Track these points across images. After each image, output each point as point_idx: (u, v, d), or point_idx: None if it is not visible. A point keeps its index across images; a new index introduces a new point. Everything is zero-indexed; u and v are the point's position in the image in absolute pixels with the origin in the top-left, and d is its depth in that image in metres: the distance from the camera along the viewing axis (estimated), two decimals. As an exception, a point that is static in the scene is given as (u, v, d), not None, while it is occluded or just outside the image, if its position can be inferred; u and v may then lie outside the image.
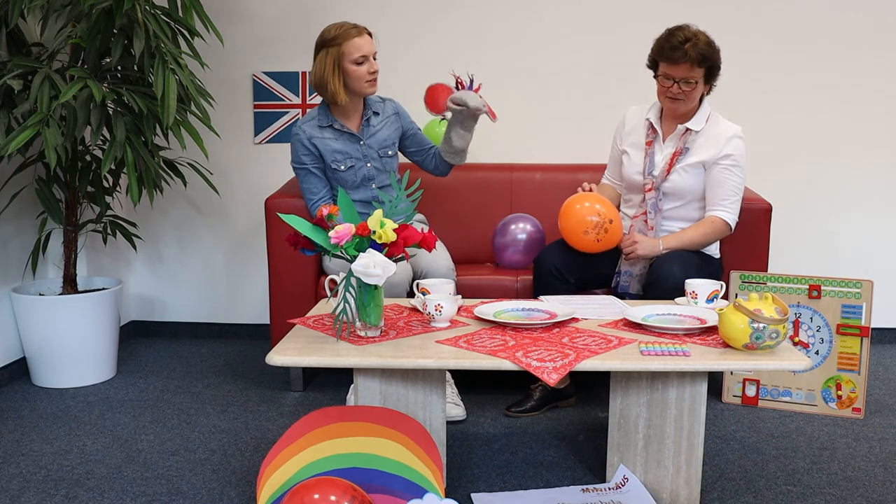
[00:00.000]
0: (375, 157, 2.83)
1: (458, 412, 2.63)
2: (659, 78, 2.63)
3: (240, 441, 2.50)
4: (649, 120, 2.74)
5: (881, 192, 3.51)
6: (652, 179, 2.69)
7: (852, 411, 2.68)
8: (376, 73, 2.73)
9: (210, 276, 3.73)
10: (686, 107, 2.63)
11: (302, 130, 2.78)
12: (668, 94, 2.61)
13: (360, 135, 2.81)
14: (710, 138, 2.65)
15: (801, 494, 2.12)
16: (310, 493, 1.58)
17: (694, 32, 2.57)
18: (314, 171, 2.79)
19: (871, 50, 3.41)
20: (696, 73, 2.56)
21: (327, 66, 2.69)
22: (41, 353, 2.98)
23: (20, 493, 2.13)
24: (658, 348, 1.88)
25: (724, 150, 2.63)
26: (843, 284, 2.68)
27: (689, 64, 2.54)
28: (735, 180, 2.64)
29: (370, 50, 2.70)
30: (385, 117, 2.87)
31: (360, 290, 1.93)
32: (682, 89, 2.58)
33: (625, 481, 2.08)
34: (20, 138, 2.51)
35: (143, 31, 2.66)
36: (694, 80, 2.57)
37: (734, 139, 2.64)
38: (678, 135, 2.68)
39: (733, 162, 2.63)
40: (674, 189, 2.68)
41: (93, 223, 3.14)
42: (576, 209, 2.60)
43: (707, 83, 2.63)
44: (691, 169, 2.66)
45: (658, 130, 2.72)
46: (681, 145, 2.67)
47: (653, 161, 2.71)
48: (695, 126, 2.66)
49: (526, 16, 3.50)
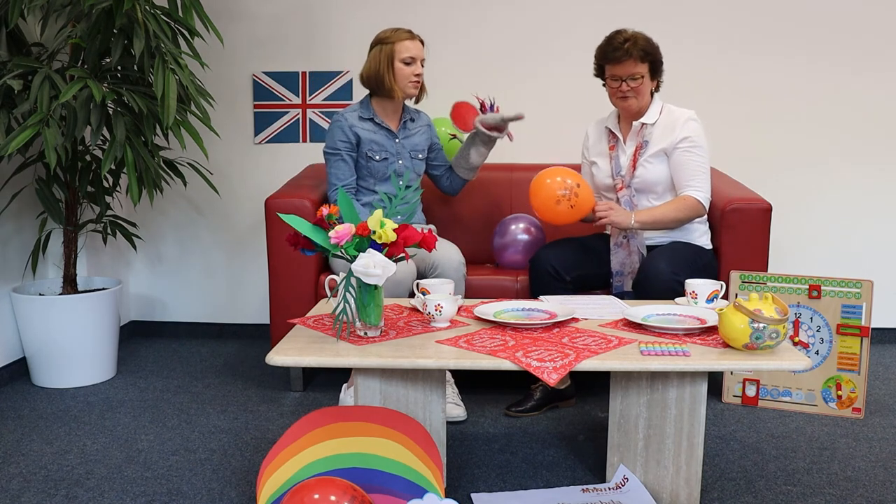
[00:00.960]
0: (407, 156, 2.92)
1: (459, 412, 2.63)
2: (607, 81, 2.75)
3: (240, 441, 2.50)
4: (608, 127, 2.84)
5: (881, 192, 3.52)
6: (621, 179, 2.78)
7: (852, 411, 2.68)
8: (420, 77, 2.84)
9: (210, 276, 3.73)
10: (638, 103, 2.72)
11: (344, 118, 2.86)
12: (618, 95, 2.72)
13: (398, 133, 2.91)
14: (666, 126, 2.74)
15: (801, 494, 2.12)
16: (310, 493, 1.58)
17: (632, 33, 2.69)
18: (346, 157, 2.85)
19: (871, 50, 3.42)
20: (640, 68, 2.67)
21: (382, 61, 2.81)
22: (41, 353, 2.98)
23: (20, 493, 2.13)
24: (658, 348, 1.88)
25: (681, 134, 2.71)
26: (843, 284, 2.68)
27: (633, 60, 2.65)
28: (697, 160, 2.71)
29: (419, 54, 2.82)
30: (420, 125, 2.99)
31: (360, 290, 1.93)
32: (630, 86, 2.68)
33: (625, 481, 2.08)
34: (20, 138, 2.51)
35: (143, 31, 2.66)
36: (640, 76, 2.67)
37: (688, 122, 2.73)
38: (635, 131, 2.78)
39: (691, 143, 2.71)
40: (643, 182, 2.75)
41: (93, 223, 3.14)
42: (545, 183, 2.63)
43: (653, 78, 2.74)
44: (654, 159, 2.74)
45: (618, 134, 2.82)
46: (640, 140, 2.76)
47: (618, 163, 2.80)
48: (649, 119, 2.75)
49: (527, 17, 3.50)
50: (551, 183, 2.61)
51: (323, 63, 3.56)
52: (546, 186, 2.62)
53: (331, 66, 3.55)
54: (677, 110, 2.77)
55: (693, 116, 2.74)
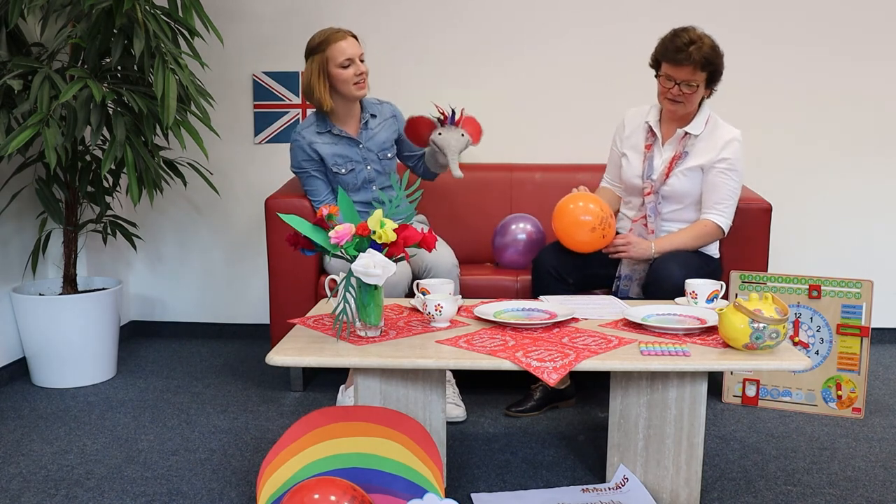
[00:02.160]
0: (375, 159, 2.84)
1: (459, 413, 2.63)
2: (660, 78, 2.62)
3: (240, 441, 2.50)
4: (648, 123, 2.73)
5: (881, 192, 3.51)
6: (651, 183, 2.69)
7: (852, 411, 2.68)
8: (364, 75, 2.72)
9: (210, 276, 3.73)
10: (685, 109, 2.62)
11: (301, 136, 2.78)
12: (668, 96, 2.60)
13: (359, 138, 2.82)
14: (709, 142, 2.65)
15: (801, 494, 2.12)
16: (310, 493, 1.58)
17: (699, 35, 2.55)
18: (315, 173, 2.81)
19: (871, 50, 3.41)
20: (698, 76, 2.55)
21: (313, 72, 2.70)
22: (41, 353, 2.98)
23: (20, 493, 2.13)
24: (658, 348, 1.88)
25: (722, 154, 2.62)
26: (843, 284, 2.68)
27: (692, 67, 2.52)
28: (731, 184, 2.64)
29: (355, 52, 2.70)
30: (383, 119, 2.88)
31: (360, 290, 1.93)
32: (682, 92, 2.57)
33: (625, 481, 2.08)
34: (20, 138, 2.51)
35: (143, 31, 2.66)
36: (695, 84, 2.56)
37: (732, 143, 2.63)
38: (677, 139, 2.68)
39: (729, 166, 2.63)
40: (672, 193, 2.68)
41: (93, 223, 3.14)
42: (570, 209, 2.57)
43: (708, 87, 2.62)
44: (690, 173, 2.66)
45: (657, 134, 2.71)
46: (680, 149, 2.67)
47: (652, 165, 2.70)
48: (694, 130, 2.65)
49: (527, 17, 3.50)
50: (578, 210, 2.54)
51: (323, 63, 3.55)
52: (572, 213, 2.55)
53: (331, 66, 3.55)
54: (723, 126, 2.66)
55: (738, 138, 2.64)
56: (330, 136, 2.79)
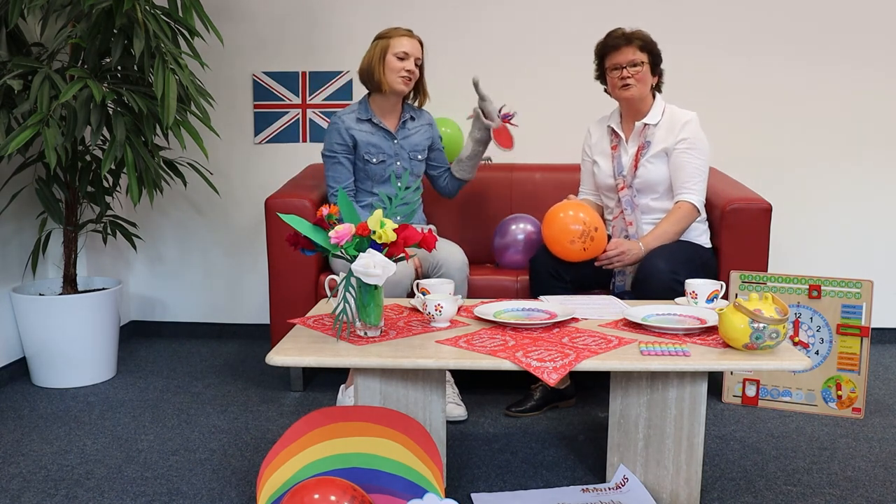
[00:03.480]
0: (406, 157, 2.91)
1: (460, 412, 2.63)
2: (608, 74, 2.76)
3: (240, 441, 2.50)
4: (611, 126, 2.84)
5: (881, 192, 3.52)
6: (622, 178, 2.78)
7: (852, 411, 2.68)
8: (412, 74, 2.82)
9: (210, 276, 3.73)
10: (640, 92, 2.71)
11: (341, 120, 2.86)
12: (619, 85, 2.72)
13: (396, 134, 2.90)
14: (667, 128, 2.75)
15: (801, 494, 2.12)
16: (310, 493, 1.58)
17: (630, 29, 2.72)
18: (343, 160, 2.86)
19: (871, 51, 3.42)
20: (639, 55, 2.69)
21: (375, 55, 2.81)
22: (41, 353, 2.98)
23: (20, 493, 2.13)
24: (658, 348, 1.88)
25: (681, 135, 2.72)
26: (843, 284, 2.68)
27: (632, 47, 2.69)
28: (694, 162, 2.72)
29: (414, 52, 2.81)
30: (420, 124, 2.97)
31: (360, 290, 1.93)
32: (630, 73, 2.68)
33: (625, 481, 2.08)
34: (20, 138, 2.51)
35: (143, 31, 2.66)
36: (640, 62, 2.68)
37: (689, 123, 2.73)
38: (638, 132, 2.78)
39: (689, 145, 2.71)
40: (644, 182, 2.75)
41: (93, 223, 3.14)
42: (559, 217, 2.62)
43: (654, 73, 2.74)
44: (655, 160, 2.74)
45: (620, 134, 2.82)
46: (642, 140, 2.76)
47: (620, 162, 2.80)
48: (651, 120, 2.76)
49: (527, 16, 3.51)
50: (566, 219, 2.60)
51: (323, 63, 3.56)
52: (560, 222, 2.60)
53: (331, 66, 3.55)
54: (679, 111, 2.77)
55: (693, 118, 2.74)
56: (370, 124, 2.87)
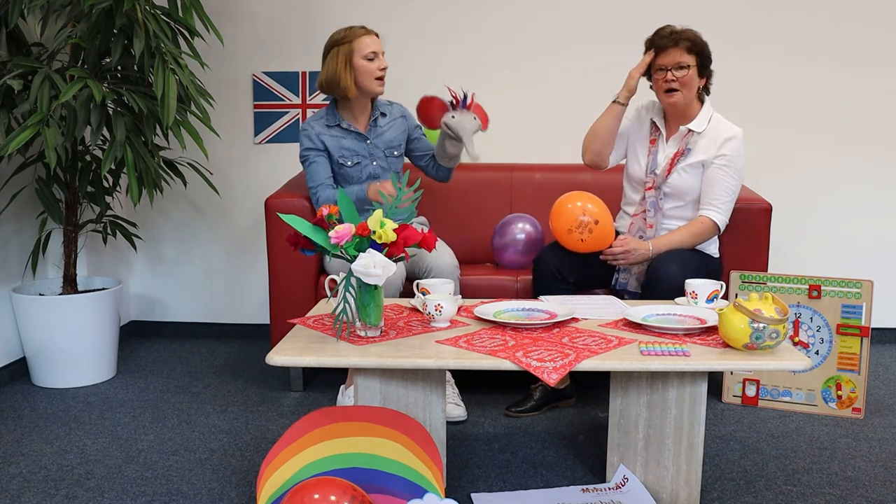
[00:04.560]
0: (381, 156, 2.86)
1: (460, 412, 2.63)
2: (654, 74, 2.68)
3: (240, 441, 2.50)
4: (653, 120, 2.76)
5: (881, 192, 3.52)
6: (653, 178, 2.71)
7: (852, 411, 2.68)
8: (385, 71, 2.78)
9: (210, 276, 3.73)
10: (684, 98, 2.64)
11: (310, 126, 2.83)
12: (665, 88, 2.64)
13: (368, 134, 2.85)
14: (710, 139, 2.67)
15: (801, 494, 2.12)
16: (310, 493, 1.58)
17: (680, 27, 2.65)
18: (317, 159, 2.83)
19: (871, 50, 3.41)
20: (687, 58, 2.61)
21: (339, 62, 2.74)
22: (41, 353, 2.98)
23: (20, 493, 2.13)
24: (658, 348, 1.88)
25: (721, 151, 2.64)
26: (843, 284, 2.68)
27: (679, 49, 2.61)
28: (728, 181, 2.65)
29: (379, 48, 2.77)
30: (392, 119, 2.91)
31: (360, 290, 1.93)
32: (675, 76, 2.61)
33: (625, 481, 2.08)
34: (20, 138, 2.51)
35: (143, 31, 2.66)
36: (686, 65, 2.61)
37: (731, 140, 2.65)
38: (680, 136, 2.70)
39: (727, 162, 2.64)
40: (674, 189, 2.69)
41: (93, 223, 3.14)
42: (567, 207, 2.60)
43: (701, 75, 2.66)
44: (691, 169, 2.67)
45: (661, 130, 2.75)
46: (683, 146, 2.68)
47: (655, 160, 2.73)
48: (696, 127, 2.67)
49: (528, 16, 3.50)
50: (573, 209, 2.58)
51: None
52: (565, 211, 2.59)
53: (331, 66, 3.55)
54: (725, 123, 2.68)
55: (738, 135, 2.65)
56: (339, 129, 2.83)
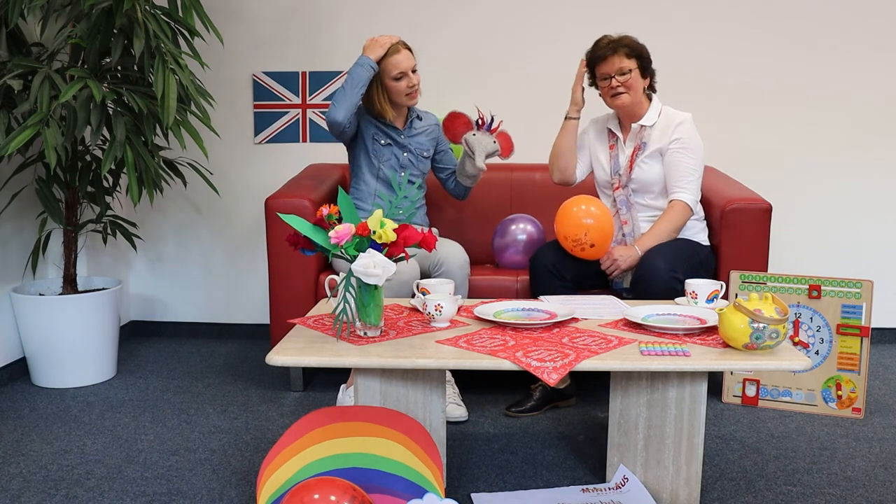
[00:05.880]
0: (412, 149, 2.94)
1: (461, 413, 2.63)
2: (599, 84, 2.77)
3: (240, 441, 2.50)
4: (609, 128, 2.87)
5: (881, 192, 3.52)
6: (618, 178, 2.80)
7: (852, 411, 2.68)
8: (415, 87, 2.84)
9: (210, 276, 3.73)
10: (630, 99, 2.73)
11: None
12: (610, 94, 2.73)
13: (404, 131, 2.93)
14: (662, 129, 2.77)
15: (801, 494, 2.12)
16: (310, 493, 1.58)
17: (616, 35, 2.75)
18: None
19: (871, 50, 3.41)
20: (627, 63, 2.69)
21: (372, 86, 2.81)
22: (41, 353, 2.98)
23: (20, 493, 2.13)
24: (658, 348, 1.88)
25: (674, 136, 2.74)
26: (843, 284, 2.68)
27: (619, 55, 2.69)
28: (687, 161, 2.73)
29: (408, 65, 2.80)
30: (427, 125, 3.01)
31: (360, 290, 1.93)
32: (619, 81, 2.69)
33: (625, 481, 2.08)
34: (20, 138, 2.51)
35: (143, 31, 2.66)
36: (628, 70, 2.70)
37: (682, 124, 2.75)
38: (635, 133, 2.80)
39: (682, 145, 2.73)
40: (640, 183, 2.77)
41: (93, 223, 3.14)
42: (571, 214, 2.66)
43: (644, 76, 2.74)
44: (650, 160, 2.76)
45: (618, 134, 2.85)
46: (638, 142, 2.79)
47: (618, 162, 2.83)
48: (648, 122, 2.77)
49: (528, 16, 3.50)
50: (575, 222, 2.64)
51: (323, 63, 3.56)
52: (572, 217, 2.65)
53: (331, 66, 3.55)
54: (674, 112, 2.78)
55: (686, 119, 2.75)
56: (379, 120, 2.90)
